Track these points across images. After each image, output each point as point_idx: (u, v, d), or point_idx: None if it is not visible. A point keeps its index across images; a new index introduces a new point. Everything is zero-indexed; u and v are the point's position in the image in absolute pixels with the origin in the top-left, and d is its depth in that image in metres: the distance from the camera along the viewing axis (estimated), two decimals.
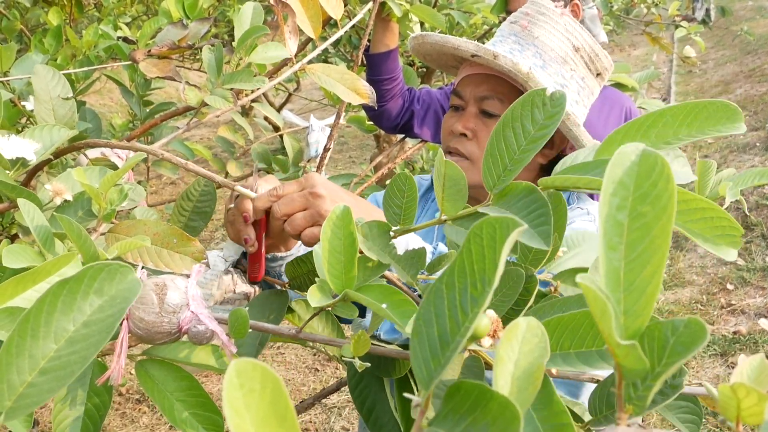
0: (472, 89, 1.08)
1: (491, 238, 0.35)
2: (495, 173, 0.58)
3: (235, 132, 2.17)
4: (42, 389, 0.39)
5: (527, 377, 0.34)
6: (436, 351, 0.35)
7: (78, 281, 0.42)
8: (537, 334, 0.35)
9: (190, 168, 0.85)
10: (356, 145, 6.72)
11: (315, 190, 0.76)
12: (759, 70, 7.50)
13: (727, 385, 0.33)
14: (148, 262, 0.72)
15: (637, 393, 0.34)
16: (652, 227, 0.33)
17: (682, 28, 3.02)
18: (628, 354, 0.32)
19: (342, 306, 0.63)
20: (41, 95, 0.91)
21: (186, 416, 0.61)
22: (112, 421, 2.96)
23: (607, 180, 0.35)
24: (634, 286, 0.33)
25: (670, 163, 0.34)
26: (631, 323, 0.33)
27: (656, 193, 0.34)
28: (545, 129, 0.57)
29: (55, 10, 1.85)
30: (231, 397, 0.27)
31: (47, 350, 0.40)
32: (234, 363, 0.28)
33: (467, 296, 0.35)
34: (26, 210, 0.71)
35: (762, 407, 0.32)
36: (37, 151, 0.87)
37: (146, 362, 0.65)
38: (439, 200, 0.64)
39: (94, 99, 7.34)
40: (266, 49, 0.89)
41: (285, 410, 0.29)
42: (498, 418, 0.30)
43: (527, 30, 1.07)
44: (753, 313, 3.39)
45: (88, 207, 0.80)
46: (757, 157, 4.97)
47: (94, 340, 0.41)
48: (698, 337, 0.32)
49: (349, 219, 0.61)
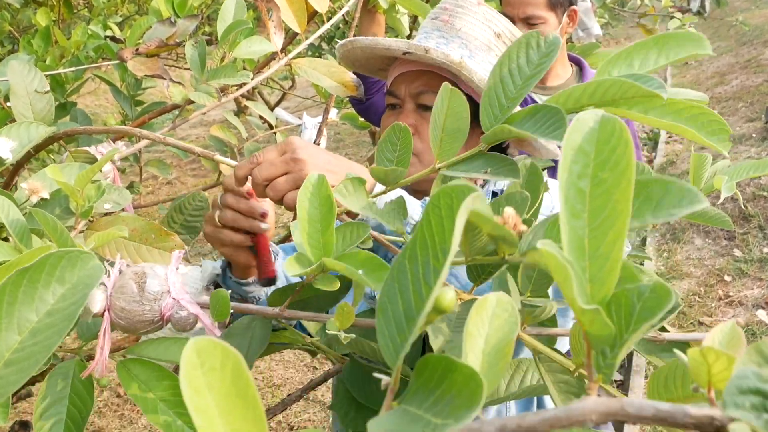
0: (407, 86, 1.09)
1: (449, 208, 0.34)
2: (492, 113, 0.61)
3: (227, 131, 2.16)
4: (7, 381, 0.38)
5: (497, 352, 0.33)
6: (402, 326, 0.34)
7: (38, 270, 0.41)
8: (507, 309, 0.34)
9: (168, 142, 0.84)
10: (352, 142, 6.71)
11: (296, 155, 0.76)
12: (755, 60, 7.49)
13: (696, 350, 0.32)
14: (127, 258, 0.71)
15: (605, 361, 0.33)
16: (613, 193, 0.33)
17: (676, 20, 3.01)
18: (593, 320, 0.31)
19: (322, 278, 0.63)
20: (18, 90, 0.90)
21: (170, 415, 0.60)
22: (111, 423, 2.96)
23: (567, 147, 0.35)
24: (598, 253, 0.33)
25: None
26: (597, 291, 0.33)
27: (615, 159, 0.33)
28: (540, 67, 0.60)
29: (43, 11, 1.83)
30: (191, 376, 0.26)
31: (11, 342, 0.39)
32: (193, 341, 0.27)
33: (430, 268, 0.34)
34: (0, 205, 0.70)
35: (732, 371, 0.32)
36: (13, 149, 0.86)
37: (128, 362, 0.64)
38: (435, 143, 0.65)
39: (89, 100, 7.33)
40: (250, 43, 0.88)
41: (246, 388, 0.28)
42: (463, 388, 0.30)
43: (449, 24, 1.09)
44: (751, 304, 3.39)
45: (66, 205, 0.79)
46: (754, 148, 4.96)
47: (58, 328, 0.40)
48: (663, 300, 0.31)
49: (324, 186, 0.60)
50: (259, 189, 0.77)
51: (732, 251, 3.85)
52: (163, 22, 1.15)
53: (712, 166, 0.94)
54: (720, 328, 0.36)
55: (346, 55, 1.14)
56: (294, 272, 0.59)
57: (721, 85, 7.03)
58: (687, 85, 7.29)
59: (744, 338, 0.36)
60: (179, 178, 5.66)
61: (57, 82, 1.62)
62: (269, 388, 3.17)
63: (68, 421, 0.61)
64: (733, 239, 3.94)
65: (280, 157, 0.77)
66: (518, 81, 0.60)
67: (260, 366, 3.34)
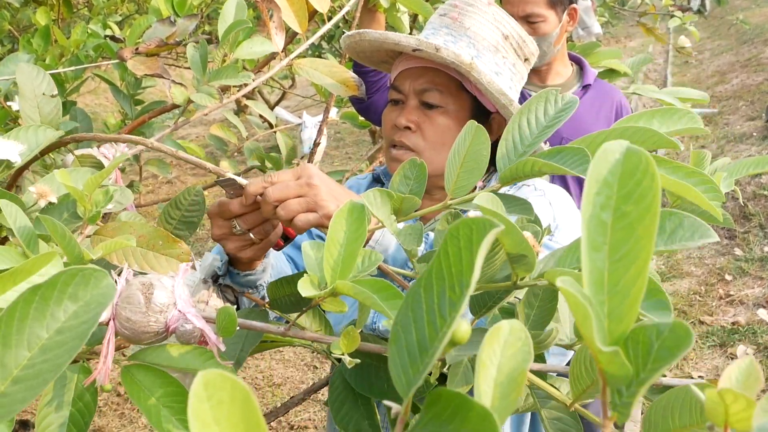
0: (411, 82, 1.09)
1: (468, 240, 0.34)
2: (509, 156, 0.66)
3: (227, 130, 2.16)
4: (14, 399, 0.38)
5: (510, 382, 0.33)
6: (415, 358, 0.33)
7: (51, 287, 0.40)
8: (520, 338, 0.34)
9: (180, 156, 0.84)
10: (352, 141, 6.71)
11: (311, 180, 0.78)
12: (755, 59, 7.49)
13: (714, 391, 0.32)
14: (133, 264, 0.71)
15: (621, 399, 0.33)
16: (636, 227, 0.32)
17: (676, 18, 3.00)
18: (611, 361, 0.30)
19: (331, 301, 0.62)
20: (26, 93, 0.90)
21: (173, 423, 0.59)
22: (111, 422, 2.96)
23: (591, 178, 0.34)
24: (618, 288, 0.32)
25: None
26: (615, 327, 0.32)
27: (640, 192, 0.33)
28: (555, 120, 0.65)
29: (43, 10, 1.83)
30: (197, 410, 0.26)
31: (20, 359, 0.39)
32: (201, 374, 0.27)
33: (445, 300, 0.33)
34: (8, 211, 0.69)
35: (750, 413, 0.31)
36: (22, 152, 0.85)
37: (132, 367, 0.64)
38: (450, 178, 0.66)
39: (89, 99, 7.32)
40: (251, 44, 0.88)
41: (256, 424, 0.27)
42: (477, 429, 0.29)
43: (458, 21, 1.08)
44: (751, 303, 3.39)
45: (74, 209, 0.79)
46: (754, 147, 4.96)
47: (68, 347, 0.39)
48: (683, 341, 0.31)
49: (362, 213, 0.61)
50: (268, 208, 0.79)
51: (733, 250, 3.85)
52: (162, 22, 1.15)
53: (712, 164, 0.94)
54: (737, 364, 0.36)
55: (353, 47, 1.13)
56: (307, 293, 0.59)
57: (721, 83, 7.03)
58: (688, 83, 7.29)
59: (762, 375, 0.36)
60: (179, 177, 5.65)
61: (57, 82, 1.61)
62: (269, 387, 3.17)
63: (71, 425, 0.61)
64: (734, 238, 3.94)
65: (294, 180, 0.79)
66: (534, 130, 0.65)
67: (260, 365, 3.34)
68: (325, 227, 0.78)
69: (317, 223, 0.78)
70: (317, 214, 0.78)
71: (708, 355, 3.08)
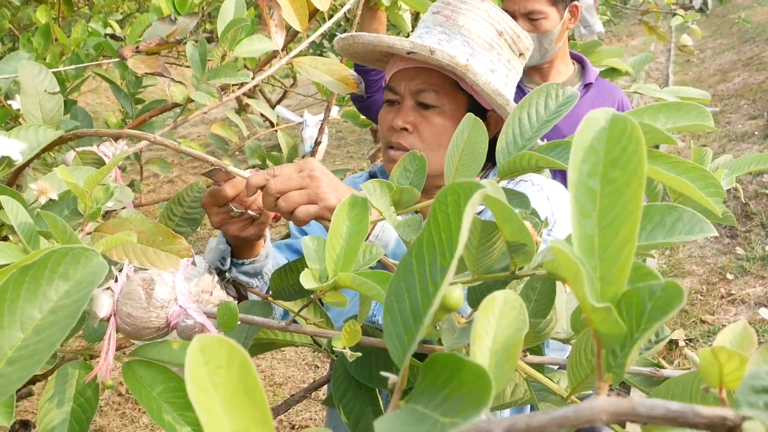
0: (406, 83, 1.09)
1: (456, 204, 0.34)
2: (508, 150, 0.65)
3: (228, 129, 2.16)
4: (10, 379, 0.38)
5: (505, 351, 0.33)
6: (409, 325, 0.34)
7: (41, 266, 0.40)
8: (515, 308, 0.34)
9: (183, 150, 0.84)
10: (354, 140, 6.71)
11: (313, 173, 0.79)
12: (757, 58, 7.48)
13: (707, 350, 0.32)
14: (133, 260, 0.71)
15: (616, 360, 0.33)
16: (623, 192, 0.33)
17: (678, 17, 3.00)
18: (604, 318, 0.31)
19: (332, 294, 0.62)
20: (28, 90, 0.90)
21: (173, 417, 0.60)
22: (112, 422, 2.96)
23: (576, 146, 0.34)
24: (608, 253, 0.33)
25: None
26: (607, 290, 0.33)
27: (627, 158, 0.33)
28: (555, 114, 0.65)
29: (43, 9, 1.83)
30: (195, 375, 0.26)
31: (14, 339, 0.39)
32: (197, 339, 0.27)
33: (437, 267, 0.34)
34: (9, 207, 0.70)
35: (744, 371, 0.31)
36: (23, 150, 0.85)
37: (133, 363, 0.64)
38: (449, 172, 0.66)
39: (90, 98, 7.32)
40: (251, 42, 0.88)
41: (254, 387, 0.27)
42: (472, 387, 0.29)
43: (452, 19, 1.08)
44: (753, 302, 3.38)
45: (74, 206, 0.79)
46: (756, 145, 4.95)
47: (61, 326, 0.39)
48: (675, 299, 0.31)
49: (365, 206, 0.61)
50: (269, 199, 0.80)
51: (734, 249, 3.85)
52: (163, 20, 1.15)
53: (714, 161, 0.94)
54: (731, 328, 0.36)
55: (346, 48, 1.13)
56: (309, 286, 0.59)
57: (723, 82, 7.02)
58: (689, 82, 7.28)
59: (755, 338, 0.36)
60: (180, 177, 5.66)
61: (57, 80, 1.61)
62: (271, 387, 3.17)
63: (72, 421, 0.61)
64: (736, 237, 3.93)
65: (297, 173, 0.80)
66: (535, 124, 0.65)
67: (261, 364, 3.34)
68: (326, 219, 0.78)
69: (318, 215, 0.79)
70: (318, 206, 0.78)
71: None
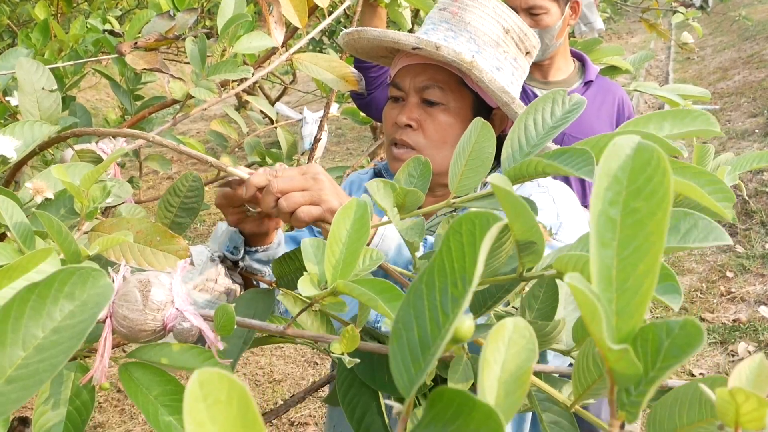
0: (411, 79, 1.08)
1: (470, 234, 0.33)
2: (514, 156, 0.65)
3: (228, 126, 2.15)
4: (8, 399, 0.37)
5: (514, 381, 0.32)
6: (417, 355, 0.33)
7: (48, 286, 0.40)
8: (525, 336, 0.33)
9: (182, 150, 0.84)
10: (354, 137, 6.70)
11: (317, 176, 0.79)
12: (757, 56, 7.47)
13: (725, 390, 0.31)
14: (131, 260, 0.70)
15: (630, 398, 0.32)
16: (646, 223, 0.32)
17: (679, 14, 2.99)
18: (620, 359, 0.30)
19: (332, 304, 0.61)
20: (26, 87, 0.90)
21: (170, 421, 0.59)
22: (111, 418, 2.96)
23: (601, 174, 0.33)
24: (627, 285, 0.31)
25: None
26: (623, 324, 0.31)
27: (651, 188, 0.32)
28: (561, 121, 0.65)
29: (42, 5, 1.82)
30: (192, 410, 0.25)
31: (14, 358, 0.38)
32: (197, 373, 0.26)
33: (447, 296, 0.33)
34: (4, 207, 0.69)
35: (762, 412, 0.31)
36: (18, 148, 0.84)
37: (130, 365, 0.63)
38: (455, 175, 0.65)
39: (90, 94, 7.31)
40: (250, 38, 0.87)
41: (254, 421, 0.27)
42: (481, 427, 0.28)
43: (458, 16, 1.07)
44: (753, 300, 3.38)
45: (71, 205, 0.78)
46: (756, 143, 4.95)
47: (64, 347, 0.39)
48: (694, 339, 0.30)
49: (366, 211, 0.60)
50: (270, 199, 0.79)
51: (734, 247, 3.84)
52: (162, 16, 1.14)
53: (716, 159, 0.93)
54: (747, 362, 0.35)
55: (351, 44, 1.12)
56: (307, 293, 0.58)
57: (723, 80, 7.01)
58: (689, 80, 7.27)
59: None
60: (180, 173, 5.64)
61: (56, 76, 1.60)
62: (269, 384, 3.17)
63: (68, 423, 0.60)
64: (736, 235, 3.93)
65: (300, 175, 0.80)
66: (541, 131, 0.64)
67: (261, 361, 3.34)
68: (326, 222, 0.77)
69: (319, 217, 0.78)
70: (320, 207, 0.77)
71: (709, 353, 3.08)
